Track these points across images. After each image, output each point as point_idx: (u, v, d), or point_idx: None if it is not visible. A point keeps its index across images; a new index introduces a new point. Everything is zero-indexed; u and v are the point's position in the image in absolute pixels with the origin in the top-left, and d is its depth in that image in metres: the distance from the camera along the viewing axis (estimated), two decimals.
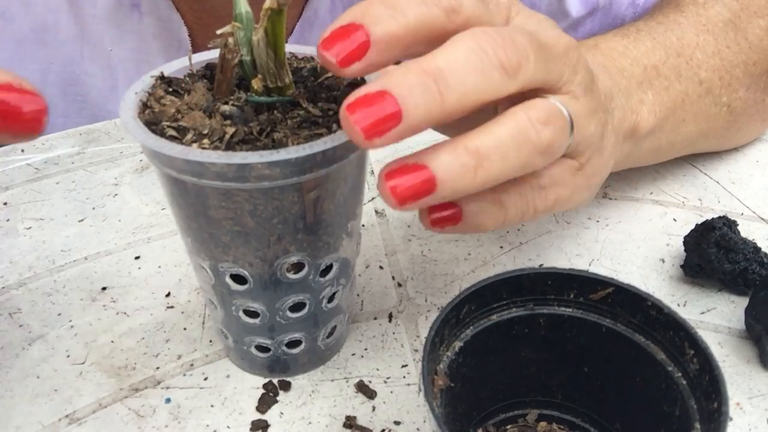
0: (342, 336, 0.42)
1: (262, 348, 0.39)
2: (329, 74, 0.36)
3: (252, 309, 0.37)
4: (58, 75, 0.65)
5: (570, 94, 0.35)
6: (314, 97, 0.35)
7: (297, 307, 0.37)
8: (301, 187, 0.32)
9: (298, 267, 0.35)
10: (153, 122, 0.33)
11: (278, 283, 0.36)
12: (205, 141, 0.32)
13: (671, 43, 0.50)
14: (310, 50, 0.38)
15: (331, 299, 0.38)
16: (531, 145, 0.32)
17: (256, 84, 0.34)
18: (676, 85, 0.49)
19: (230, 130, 0.32)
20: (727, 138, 0.57)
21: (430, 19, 0.31)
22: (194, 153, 0.30)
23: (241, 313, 0.37)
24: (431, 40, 0.32)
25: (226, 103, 0.34)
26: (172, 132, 0.32)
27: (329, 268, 0.37)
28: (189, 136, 0.32)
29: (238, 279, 0.36)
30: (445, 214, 0.33)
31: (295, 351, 0.39)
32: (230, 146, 0.32)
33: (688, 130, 0.52)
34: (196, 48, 0.64)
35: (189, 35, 0.64)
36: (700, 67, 0.51)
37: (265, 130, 0.32)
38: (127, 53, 0.65)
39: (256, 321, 0.37)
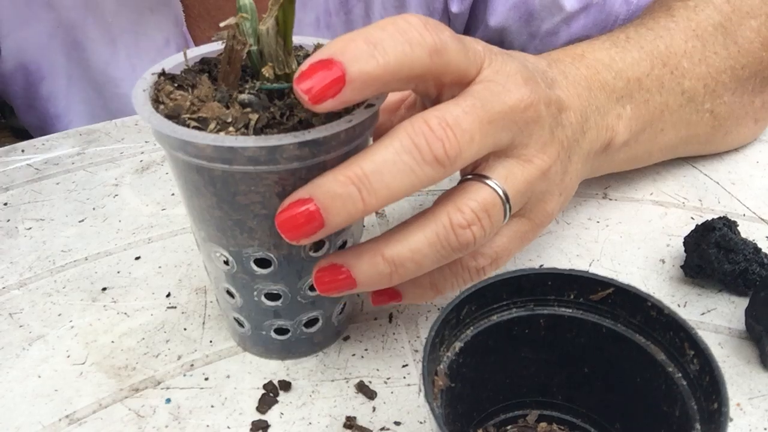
0: (350, 313, 0.43)
1: (281, 330, 0.40)
2: None
3: (274, 292, 0.38)
4: (63, 39, 0.67)
5: (521, 158, 0.37)
6: None
7: None
8: (326, 166, 0.34)
9: (319, 244, 0.37)
10: (172, 116, 0.34)
11: (300, 263, 0.37)
12: (231, 129, 0.33)
13: (659, 52, 0.50)
14: (297, 39, 0.40)
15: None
16: (449, 248, 0.34)
17: (267, 72, 0.35)
18: (657, 97, 0.49)
19: (254, 117, 0.33)
20: (713, 142, 0.57)
21: (411, 60, 0.32)
22: (229, 139, 0.32)
23: (262, 298, 0.38)
24: (410, 79, 0.33)
25: (241, 92, 0.35)
26: (194, 123, 0.33)
27: (344, 244, 0.38)
28: (212, 125, 0.33)
29: (262, 263, 0.37)
30: (386, 296, 0.38)
31: (312, 330, 0.40)
32: (257, 131, 0.33)
33: (666, 139, 0.52)
34: (192, 22, 0.66)
35: (183, 10, 0.65)
36: (684, 77, 0.50)
37: (285, 114, 0.34)
38: (126, 26, 0.66)
39: (278, 303, 0.38)
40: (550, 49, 0.48)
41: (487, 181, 0.35)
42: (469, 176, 0.36)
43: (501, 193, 0.35)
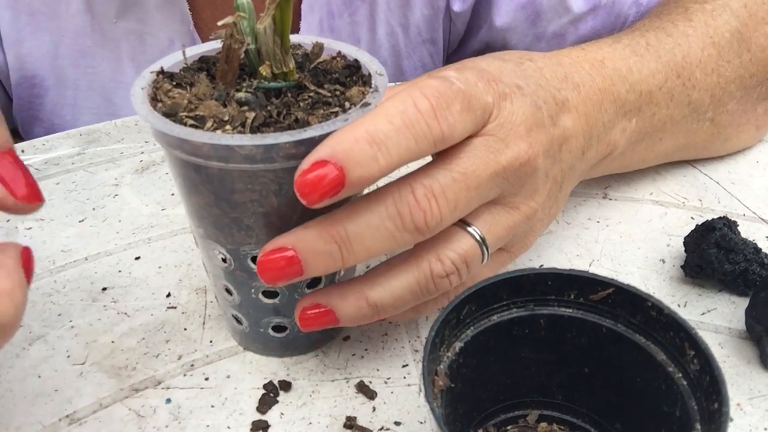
0: None
1: (279, 328, 0.40)
2: (322, 59, 0.39)
3: (271, 289, 0.38)
4: (69, 47, 0.66)
5: (508, 205, 0.38)
6: (317, 80, 0.37)
7: (314, 282, 0.38)
8: None
9: None
10: (170, 114, 0.34)
11: None
12: (228, 127, 0.33)
13: (675, 63, 0.49)
14: (295, 38, 0.40)
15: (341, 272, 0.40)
16: (427, 293, 0.36)
17: (264, 71, 0.35)
18: (664, 111, 0.49)
19: (251, 115, 0.33)
20: (712, 149, 0.57)
21: (415, 153, 0.33)
22: (226, 138, 0.32)
23: (260, 295, 0.38)
24: (413, 161, 0.34)
25: (239, 90, 0.35)
26: (191, 121, 0.33)
27: None
28: (209, 123, 0.33)
29: None
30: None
31: None
32: (253, 130, 0.33)
33: (663, 147, 0.52)
34: (199, 20, 0.65)
35: (189, 9, 0.64)
36: (695, 88, 0.50)
37: (282, 112, 0.34)
38: (131, 25, 0.65)
39: (276, 300, 0.38)
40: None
41: (470, 229, 0.37)
42: None
43: (482, 241, 0.37)
